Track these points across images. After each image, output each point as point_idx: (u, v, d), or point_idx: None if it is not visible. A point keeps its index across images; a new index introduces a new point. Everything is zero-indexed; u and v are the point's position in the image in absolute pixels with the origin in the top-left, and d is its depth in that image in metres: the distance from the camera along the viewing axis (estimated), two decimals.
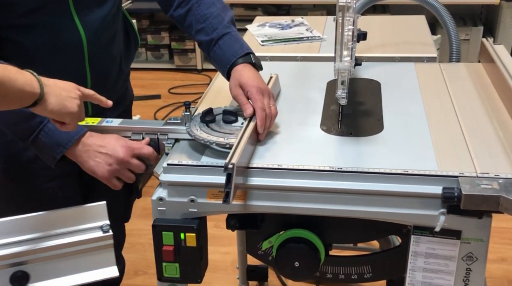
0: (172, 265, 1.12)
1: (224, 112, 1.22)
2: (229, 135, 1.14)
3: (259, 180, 1.07)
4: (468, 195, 0.97)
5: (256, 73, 1.24)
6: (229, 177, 0.99)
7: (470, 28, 3.82)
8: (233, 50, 1.27)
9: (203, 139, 1.13)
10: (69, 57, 1.25)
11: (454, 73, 1.51)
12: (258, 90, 1.18)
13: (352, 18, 1.14)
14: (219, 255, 2.31)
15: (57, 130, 1.12)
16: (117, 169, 1.16)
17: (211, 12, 1.31)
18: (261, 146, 1.16)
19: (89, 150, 1.16)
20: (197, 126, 1.18)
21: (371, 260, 1.19)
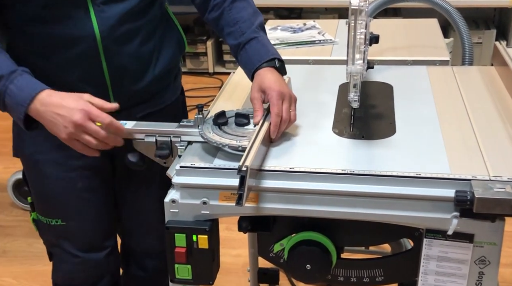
0: (184, 267, 1.12)
1: (237, 115, 1.23)
2: (242, 138, 1.14)
3: (272, 182, 1.07)
4: (481, 198, 0.97)
5: (279, 77, 1.24)
6: (242, 179, 0.99)
7: (483, 31, 3.80)
8: (258, 55, 1.27)
9: (215, 142, 1.13)
10: (83, 50, 1.28)
11: (466, 76, 1.51)
12: (278, 95, 1.18)
13: (365, 21, 1.14)
14: (230, 258, 2.32)
15: (18, 90, 1.16)
16: (74, 132, 1.14)
17: (241, 16, 1.32)
18: (274, 148, 1.17)
19: (47, 111, 1.16)
20: (209, 129, 1.18)
21: (383, 263, 1.19)
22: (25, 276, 2.34)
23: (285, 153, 1.15)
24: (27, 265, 2.39)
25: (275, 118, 1.16)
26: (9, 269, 2.39)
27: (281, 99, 1.18)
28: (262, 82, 1.22)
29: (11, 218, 2.74)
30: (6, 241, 2.56)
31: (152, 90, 1.44)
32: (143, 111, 1.42)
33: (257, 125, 1.17)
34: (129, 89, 1.37)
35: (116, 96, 1.36)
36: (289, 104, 1.20)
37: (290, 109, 1.20)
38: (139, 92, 1.40)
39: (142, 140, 1.22)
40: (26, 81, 1.18)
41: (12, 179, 2.73)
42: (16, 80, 1.17)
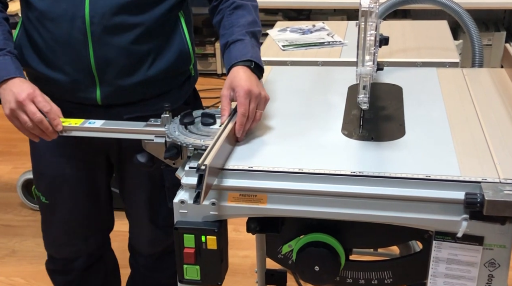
0: (193, 267, 1.13)
1: (203, 114, 1.24)
2: (206, 137, 1.16)
3: (280, 184, 1.07)
4: (491, 201, 0.97)
5: (251, 76, 1.24)
6: (200, 177, 1.00)
7: (493, 33, 3.78)
8: (238, 54, 1.29)
9: (180, 141, 1.15)
10: (71, 30, 1.32)
11: (476, 78, 1.50)
12: (246, 93, 1.19)
13: (375, 23, 1.14)
14: (238, 259, 2.32)
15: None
16: (14, 108, 1.22)
17: (237, 21, 1.35)
18: (283, 150, 1.17)
19: (6, 88, 1.25)
20: (175, 129, 1.20)
21: (392, 265, 1.19)
22: (34, 275, 2.35)
23: (294, 154, 1.15)
24: (36, 265, 2.40)
25: (240, 117, 1.17)
26: (19, 268, 2.40)
27: (248, 98, 1.19)
28: (233, 80, 1.23)
29: (20, 218, 2.75)
30: (15, 241, 2.58)
31: (143, 93, 1.43)
32: (131, 114, 1.42)
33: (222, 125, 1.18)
34: (116, 84, 1.38)
35: (102, 88, 1.38)
36: (256, 104, 1.20)
37: (256, 109, 1.20)
38: (128, 90, 1.40)
39: (151, 141, 1.23)
40: (6, 63, 1.27)
41: (21, 179, 2.75)
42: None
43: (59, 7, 1.32)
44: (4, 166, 3.20)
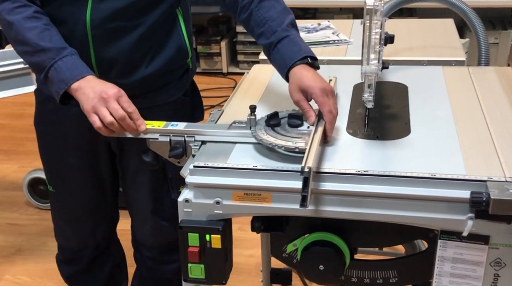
0: (198, 266, 1.13)
1: (290, 116, 1.21)
2: (297, 139, 1.14)
3: (285, 183, 1.07)
4: (497, 200, 0.96)
5: (316, 73, 1.23)
6: (306, 180, 0.99)
7: (499, 31, 3.77)
8: (291, 53, 1.27)
9: (270, 144, 1.12)
10: (72, 33, 1.33)
11: (482, 77, 1.49)
12: (322, 92, 1.17)
13: (380, 21, 1.13)
14: (243, 258, 2.32)
15: (65, 68, 1.26)
16: (96, 104, 1.21)
17: (270, 15, 1.31)
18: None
19: (86, 86, 1.25)
20: (262, 130, 1.18)
21: (397, 265, 1.18)
22: (40, 274, 2.36)
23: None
24: (42, 264, 2.41)
25: (328, 116, 1.15)
26: (24, 267, 2.41)
27: (326, 96, 1.17)
28: (301, 82, 1.21)
29: (26, 217, 2.77)
30: (21, 240, 2.59)
31: (143, 88, 1.45)
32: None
33: (311, 126, 1.16)
34: (117, 82, 1.37)
35: None
36: (334, 99, 1.19)
37: (335, 105, 1.19)
38: (128, 87, 1.39)
39: (156, 140, 1.23)
40: (75, 62, 1.27)
41: (28, 178, 2.76)
42: (66, 59, 1.26)
43: (62, 12, 1.33)
44: (10, 165, 3.22)
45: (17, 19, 1.28)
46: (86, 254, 1.68)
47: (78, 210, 1.61)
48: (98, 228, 1.66)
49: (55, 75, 1.26)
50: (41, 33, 1.27)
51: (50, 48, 1.26)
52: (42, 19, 1.30)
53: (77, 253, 1.68)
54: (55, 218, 1.66)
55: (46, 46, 1.26)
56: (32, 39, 1.27)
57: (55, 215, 1.66)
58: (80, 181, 1.57)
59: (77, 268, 1.70)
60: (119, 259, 1.81)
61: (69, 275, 1.73)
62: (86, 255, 1.68)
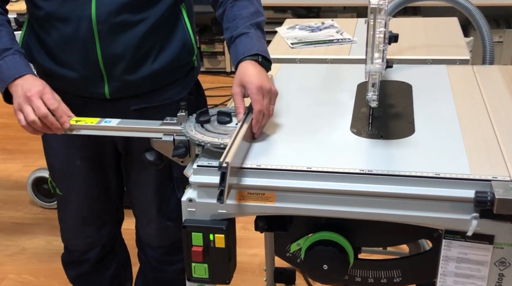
0: (201, 266, 1.13)
1: (219, 113, 1.23)
2: (224, 136, 1.15)
3: (289, 182, 1.07)
4: (502, 199, 0.96)
5: (261, 71, 1.24)
6: (223, 175, 1.00)
7: (504, 30, 3.75)
8: (244, 48, 1.29)
9: (197, 140, 1.14)
10: (78, 30, 1.34)
11: (487, 75, 1.49)
12: (258, 90, 1.19)
13: (384, 20, 1.13)
14: (247, 257, 2.32)
15: (5, 67, 1.30)
16: (21, 102, 1.25)
17: (240, 13, 1.34)
18: (291, 148, 1.16)
19: (19, 84, 1.27)
20: (192, 127, 1.19)
21: (401, 264, 1.18)
22: (44, 273, 2.36)
23: (302, 152, 1.14)
24: (46, 263, 2.41)
25: (257, 114, 1.17)
26: (28, 266, 2.42)
27: (261, 94, 1.19)
28: (243, 76, 1.23)
29: (30, 216, 2.77)
30: (25, 239, 2.59)
31: (150, 85, 1.45)
32: (137, 105, 1.46)
33: (239, 123, 1.18)
34: (123, 79, 1.40)
35: (110, 84, 1.40)
36: (269, 99, 1.20)
37: (270, 104, 1.20)
38: (134, 84, 1.42)
39: (160, 139, 1.23)
40: (16, 62, 1.30)
41: (32, 177, 2.76)
42: (7, 58, 1.30)
43: (65, 8, 1.33)
44: (14, 164, 3.22)
45: None
46: (92, 255, 1.68)
47: (85, 212, 1.61)
48: (104, 228, 1.66)
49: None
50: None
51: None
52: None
53: (83, 255, 1.68)
54: (62, 220, 1.66)
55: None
56: None
57: (62, 217, 1.66)
58: (87, 183, 1.57)
59: (83, 270, 1.70)
60: (124, 259, 1.81)
61: (75, 277, 1.73)
62: (92, 256, 1.68)
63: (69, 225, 1.65)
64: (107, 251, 1.71)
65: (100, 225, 1.65)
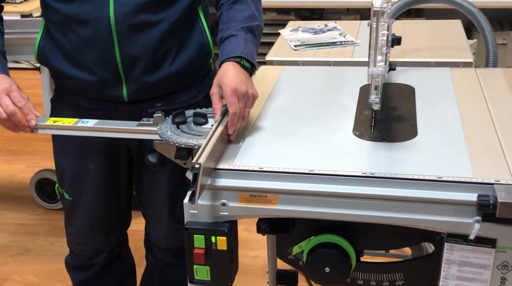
0: (203, 268, 1.13)
1: (195, 114, 1.24)
2: (199, 137, 1.16)
3: (291, 185, 1.07)
4: (504, 203, 0.95)
5: (239, 73, 1.24)
6: (195, 176, 1.00)
7: (508, 32, 3.74)
8: (230, 50, 1.29)
9: (172, 141, 1.15)
10: (97, 31, 1.34)
11: (490, 78, 1.48)
12: (233, 92, 1.19)
13: (387, 23, 1.13)
14: (249, 259, 2.32)
15: None
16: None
17: (235, 16, 1.35)
18: (293, 150, 1.16)
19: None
20: (167, 128, 1.20)
21: (403, 267, 1.18)
22: (47, 274, 2.37)
23: (305, 155, 1.14)
24: (49, 263, 2.42)
25: (231, 116, 1.17)
26: (31, 267, 2.42)
27: (235, 97, 1.19)
28: (221, 77, 1.23)
29: (33, 217, 2.78)
30: (28, 240, 2.60)
31: (167, 88, 1.46)
32: (155, 108, 1.44)
33: (214, 125, 1.18)
34: (141, 80, 1.41)
35: (129, 86, 1.41)
36: (244, 102, 1.20)
37: (245, 107, 1.21)
38: (152, 85, 1.42)
39: (162, 142, 1.23)
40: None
41: (35, 178, 2.77)
42: None
43: (84, 10, 1.34)
44: (18, 165, 3.23)
45: None
46: (99, 260, 1.67)
47: (95, 218, 1.60)
48: (113, 234, 1.65)
49: None
50: None
51: None
52: None
53: (90, 260, 1.67)
54: (69, 226, 1.64)
55: None
56: None
57: (70, 223, 1.64)
58: (99, 188, 1.56)
59: (89, 274, 1.69)
60: (129, 264, 1.81)
61: (80, 281, 1.72)
62: (99, 262, 1.67)
63: (77, 230, 1.63)
64: (114, 256, 1.70)
65: (109, 231, 1.64)
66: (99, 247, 1.65)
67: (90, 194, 1.57)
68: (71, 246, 1.68)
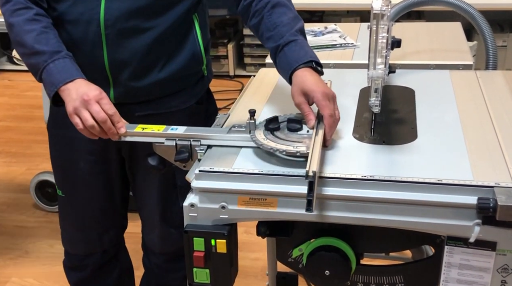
0: (203, 271, 1.12)
1: (289, 120, 1.22)
2: (297, 144, 1.13)
3: (290, 188, 1.06)
4: (504, 206, 0.95)
5: (318, 78, 1.24)
6: (311, 185, 0.99)
7: (508, 34, 3.75)
8: (296, 56, 1.27)
9: (271, 148, 1.12)
10: (86, 32, 1.35)
11: (490, 81, 1.48)
12: (324, 96, 1.18)
13: (387, 25, 1.13)
14: (249, 261, 2.32)
15: (55, 71, 1.28)
16: (78, 106, 1.23)
17: (281, 21, 1.33)
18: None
19: (72, 88, 1.26)
20: (262, 135, 1.18)
21: (403, 270, 1.18)
22: (46, 276, 2.36)
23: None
24: (49, 266, 2.42)
25: (329, 119, 1.15)
26: (31, 269, 2.42)
27: (327, 100, 1.18)
28: (304, 85, 1.21)
29: (33, 219, 2.77)
30: (28, 242, 2.60)
31: (156, 93, 1.45)
32: (143, 111, 1.45)
33: (311, 130, 1.16)
34: (129, 85, 1.40)
35: (116, 89, 1.41)
36: (334, 104, 1.20)
37: (335, 109, 1.19)
38: (140, 91, 1.42)
39: (162, 144, 1.23)
40: (66, 65, 1.29)
41: (35, 180, 2.77)
42: (57, 61, 1.28)
43: (76, 9, 1.35)
44: (18, 167, 3.23)
45: (17, 21, 1.31)
46: (92, 260, 1.67)
47: (86, 216, 1.61)
48: (106, 234, 1.66)
49: (47, 77, 1.28)
50: (38, 36, 1.29)
51: (45, 51, 1.28)
52: (41, 22, 1.31)
53: (84, 260, 1.67)
54: (63, 223, 1.66)
55: (41, 49, 1.28)
56: (29, 41, 1.29)
57: (63, 220, 1.65)
58: (90, 186, 1.57)
59: (84, 275, 1.69)
60: (127, 267, 1.80)
61: (76, 282, 1.73)
62: (92, 262, 1.67)
63: (70, 228, 1.64)
64: (109, 257, 1.70)
65: (102, 230, 1.64)
66: (92, 247, 1.65)
67: (81, 191, 1.57)
68: (64, 244, 1.69)
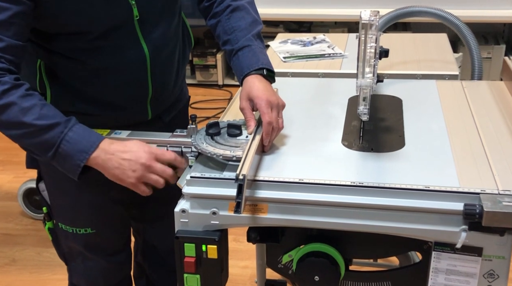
0: (193, 277, 1.13)
1: (229, 125, 1.25)
2: (235, 148, 1.16)
3: (280, 194, 1.08)
4: (490, 212, 0.97)
5: (267, 85, 1.26)
6: (240, 188, 1.01)
7: (492, 46, 3.80)
8: (248, 62, 1.30)
9: (209, 152, 1.15)
10: (133, 74, 1.31)
11: (476, 91, 1.51)
12: (267, 103, 1.20)
13: (375, 35, 1.15)
14: (238, 269, 2.32)
15: (79, 137, 1.15)
16: (143, 174, 1.16)
17: (238, 25, 1.35)
18: (282, 160, 1.18)
19: (112, 158, 1.16)
20: (202, 139, 1.20)
21: (392, 276, 1.19)
22: (34, 284, 2.35)
23: (294, 164, 1.16)
24: (36, 274, 2.40)
25: (267, 127, 1.18)
26: (19, 277, 2.40)
27: (270, 108, 1.20)
28: (250, 91, 1.24)
29: (20, 227, 2.75)
30: (15, 250, 2.58)
31: (178, 91, 1.50)
32: (170, 115, 1.48)
33: (250, 135, 1.19)
34: (165, 101, 1.43)
35: (153, 108, 1.40)
36: (277, 112, 1.22)
37: (278, 117, 1.22)
38: (173, 95, 1.46)
39: None
40: (85, 129, 1.18)
41: (22, 188, 2.75)
42: (75, 128, 1.16)
43: (117, 59, 1.27)
44: (5, 175, 3.21)
45: (11, 101, 1.12)
46: None
47: (117, 242, 1.54)
48: (129, 256, 1.60)
49: (69, 147, 1.14)
50: (42, 111, 1.14)
51: (58, 122, 1.15)
52: (35, 95, 1.16)
53: None
54: (84, 260, 1.50)
55: (53, 122, 1.14)
56: (33, 120, 1.13)
57: (85, 257, 1.50)
58: (119, 213, 1.50)
59: None
60: None
61: None
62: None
63: (97, 261, 1.52)
64: (129, 282, 1.65)
65: (126, 253, 1.57)
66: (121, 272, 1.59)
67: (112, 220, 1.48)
68: (91, 283, 1.56)
